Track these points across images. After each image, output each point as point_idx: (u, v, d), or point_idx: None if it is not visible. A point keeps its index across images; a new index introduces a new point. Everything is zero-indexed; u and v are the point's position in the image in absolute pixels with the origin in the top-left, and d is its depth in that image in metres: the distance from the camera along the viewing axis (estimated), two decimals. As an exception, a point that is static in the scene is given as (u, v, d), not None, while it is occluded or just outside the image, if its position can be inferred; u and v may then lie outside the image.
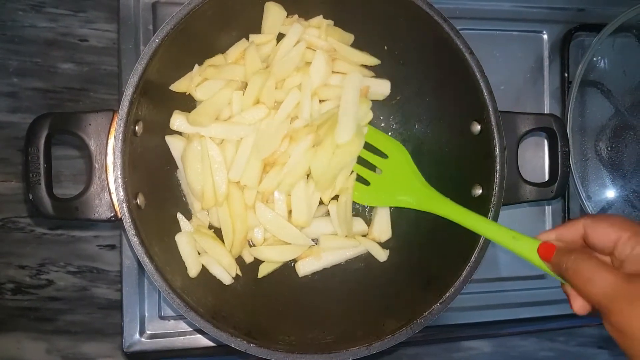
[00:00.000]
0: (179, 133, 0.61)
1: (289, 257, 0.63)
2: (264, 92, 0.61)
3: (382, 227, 0.66)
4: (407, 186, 0.62)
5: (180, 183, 0.63)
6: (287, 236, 0.62)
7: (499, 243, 0.52)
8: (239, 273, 0.62)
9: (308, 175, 0.62)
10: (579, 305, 0.45)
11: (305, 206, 0.61)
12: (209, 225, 0.63)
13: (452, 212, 0.57)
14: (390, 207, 0.67)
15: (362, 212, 0.69)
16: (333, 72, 0.64)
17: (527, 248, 0.48)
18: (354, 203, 0.65)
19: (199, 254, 0.60)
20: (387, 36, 0.63)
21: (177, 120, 0.59)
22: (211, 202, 0.59)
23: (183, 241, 0.59)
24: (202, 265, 0.60)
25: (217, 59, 0.62)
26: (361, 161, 0.64)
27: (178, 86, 0.60)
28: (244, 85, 0.61)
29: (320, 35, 0.62)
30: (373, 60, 0.66)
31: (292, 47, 0.61)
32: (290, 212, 0.62)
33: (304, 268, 0.64)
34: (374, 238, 0.66)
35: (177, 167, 0.62)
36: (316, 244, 0.66)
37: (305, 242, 0.63)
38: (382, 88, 0.66)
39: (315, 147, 0.61)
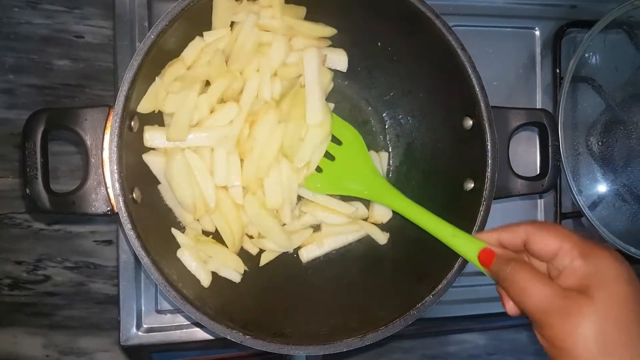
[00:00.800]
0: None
1: (292, 245, 0.64)
2: (228, 92, 0.60)
3: (382, 208, 0.67)
4: (359, 174, 0.63)
5: (163, 198, 0.60)
6: (270, 235, 0.62)
7: (440, 239, 0.53)
8: (246, 268, 0.62)
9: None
10: (510, 306, 0.46)
11: (278, 188, 0.61)
12: (202, 231, 0.62)
13: (397, 203, 0.59)
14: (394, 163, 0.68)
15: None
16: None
17: (466, 248, 0.50)
18: None
19: (205, 262, 0.60)
20: (380, 33, 0.63)
21: (152, 136, 0.56)
22: (203, 212, 0.59)
23: (186, 257, 0.59)
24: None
25: (177, 66, 0.58)
26: None
27: (145, 106, 0.56)
28: (207, 84, 0.60)
29: (275, 14, 0.60)
30: (330, 31, 0.64)
31: (249, 36, 0.59)
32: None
33: (307, 254, 0.65)
34: (375, 220, 0.67)
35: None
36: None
37: (285, 244, 0.63)
38: (339, 58, 0.65)
39: (284, 124, 0.60)
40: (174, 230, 0.60)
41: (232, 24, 0.61)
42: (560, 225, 0.45)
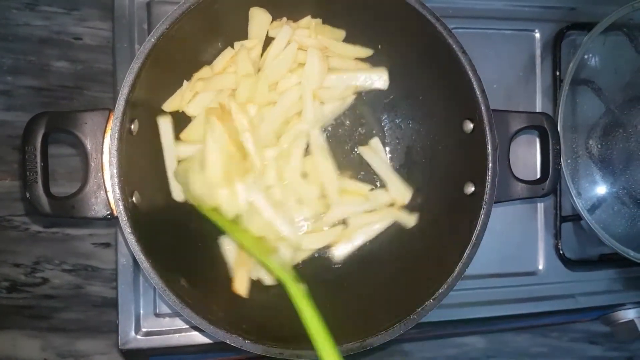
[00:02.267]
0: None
1: (325, 242, 0.65)
2: (256, 95, 0.61)
3: (399, 187, 0.67)
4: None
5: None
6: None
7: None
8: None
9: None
10: None
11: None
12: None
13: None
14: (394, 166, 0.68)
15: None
16: (329, 69, 0.64)
17: None
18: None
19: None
20: (380, 35, 0.64)
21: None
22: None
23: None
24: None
25: (204, 71, 0.62)
26: None
27: (170, 105, 0.60)
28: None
29: (310, 34, 0.63)
30: (366, 52, 0.66)
31: (282, 48, 0.62)
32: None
33: (339, 253, 0.66)
34: (397, 202, 0.66)
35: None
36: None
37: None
38: (379, 76, 0.66)
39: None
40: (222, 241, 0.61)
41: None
42: None
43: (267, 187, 0.63)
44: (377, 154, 0.69)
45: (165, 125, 0.60)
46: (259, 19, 0.62)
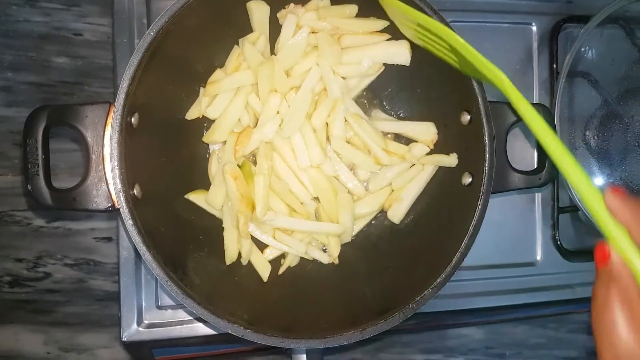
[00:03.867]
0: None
1: (375, 207, 0.66)
2: (276, 80, 0.62)
3: (420, 128, 0.66)
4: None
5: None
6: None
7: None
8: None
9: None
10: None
11: (313, 142, 0.62)
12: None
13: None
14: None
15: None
16: (344, 48, 0.64)
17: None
18: None
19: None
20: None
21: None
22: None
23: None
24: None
25: (217, 74, 0.64)
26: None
27: (192, 114, 0.63)
28: (256, 88, 0.63)
29: (320, 16, 0.63)
30: (381, 24, 0.63)
31: (291, 35, 0.62)
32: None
33: (396, 215, 0.66)
34: (428, 143, 0.65)
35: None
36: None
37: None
38: (400, 51, 0.63)
39: None
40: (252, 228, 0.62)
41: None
42: None
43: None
44: (382, 119, 0.69)
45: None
46: (258, 12, 0.63)
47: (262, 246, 0.65)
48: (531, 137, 0.79)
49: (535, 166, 0.64)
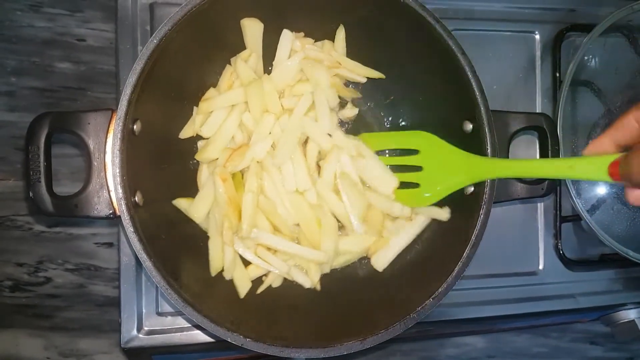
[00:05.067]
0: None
1: (360, 248, 0.65)
2: (268, 99, 0.62)
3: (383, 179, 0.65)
4: (452, 167, 0.61)
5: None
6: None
7: (558, 177, 0.53)
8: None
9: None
10: (635, 196, 0.45)
11: (301, 168, 0.63)
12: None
13: (505, 169, 0.56)
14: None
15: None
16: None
17: (591, 172, 0.47)
18: None
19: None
20: (380, 36, 0.64)
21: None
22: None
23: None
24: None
25: (211, 92, 0.64)
26: (401, 168, 0.65)
27: (185, 133, 0.63)
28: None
29: (324, 49, 0.64)
30: (378, 74, 0.67)
31: (286, 56, 0.63)
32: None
33: (380, 262, 0.65)
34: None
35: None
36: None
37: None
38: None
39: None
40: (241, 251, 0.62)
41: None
42: None
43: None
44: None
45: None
46: (251, 29, 0.63)
47: (247, 262, 0.64)
48: (533, 146, 0.79)
49: (538, 176, 0.64)
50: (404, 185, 0.64)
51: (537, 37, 0.81)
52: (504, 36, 0.80)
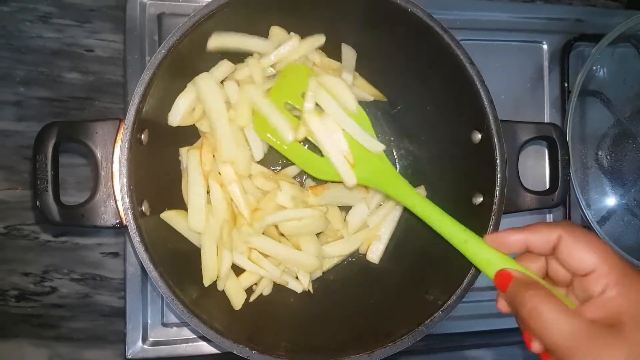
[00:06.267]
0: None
1: (352, 249, 0.66)
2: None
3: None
4: (368, 163, 0.59)
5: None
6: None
7: (452, 243, 0.48)
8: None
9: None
10: (536, 346, 0.39)
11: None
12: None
13: (408, 198, 0.55)
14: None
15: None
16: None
17: (480, 259, 0.45)
18: None
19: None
20: (388, 46, 0.64)
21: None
22: None
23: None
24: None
25: None
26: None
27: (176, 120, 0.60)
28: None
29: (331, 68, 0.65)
30: (381, 96, 0.69)
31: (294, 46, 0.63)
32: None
33: (375, 254, 0.67)
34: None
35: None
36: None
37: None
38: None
39: None
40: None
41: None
42: (598, 238, 0.39)
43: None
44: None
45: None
46: (276, 35, 0.63)
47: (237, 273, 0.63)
48: (543, 156, 0.79)
49: (548, 186, 0.63)
50: None
51: (545, 47, 0.81)
52: (511, 46, 0.80)
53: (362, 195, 0.66)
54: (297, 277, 0.64)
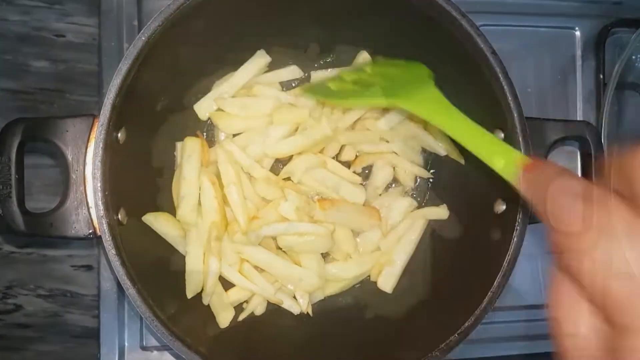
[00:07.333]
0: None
1: (360, 272, 0.66)
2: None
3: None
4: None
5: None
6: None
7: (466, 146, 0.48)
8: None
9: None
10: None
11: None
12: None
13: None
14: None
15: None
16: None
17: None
18: None
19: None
20: (401, 36, 0.64)
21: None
22: None
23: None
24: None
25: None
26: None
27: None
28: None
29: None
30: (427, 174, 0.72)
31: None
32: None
33: (388, 282, 0.66)
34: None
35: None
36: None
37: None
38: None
39: None
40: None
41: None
42: None
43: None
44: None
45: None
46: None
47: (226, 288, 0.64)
48: (575, 159, 0.79)
49: (580, 192, 0.63)
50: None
51: (578, 33, 0.81)
52: (539, 33, 0.80)
53: (375, 222, 0.66)
54: (294, 297, 0.64)
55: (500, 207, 0.60)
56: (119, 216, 0.55)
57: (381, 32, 0.64)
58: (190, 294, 0.60)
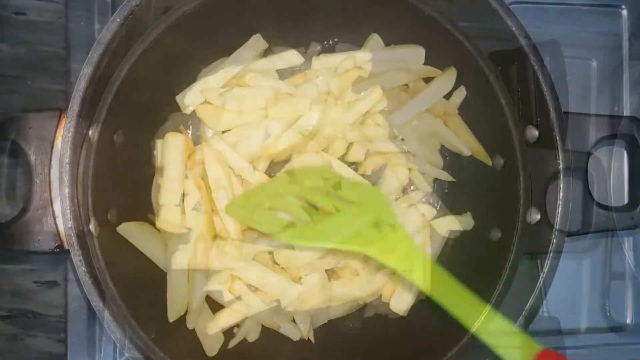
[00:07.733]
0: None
1: (370, 291, 0.66)
2: None
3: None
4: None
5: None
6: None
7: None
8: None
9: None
10: None
11: None
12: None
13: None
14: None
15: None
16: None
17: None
18: None
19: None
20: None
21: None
22: None
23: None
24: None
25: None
26: None
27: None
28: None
29: None
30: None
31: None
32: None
33: (401, 303, 0.66)
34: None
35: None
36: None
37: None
38: None
39: None
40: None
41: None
42: None
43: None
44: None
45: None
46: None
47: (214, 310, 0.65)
48: (621, 160, 0.78)
49: (627, 200, 0.64)
50: None
51: (625, 12, 0.81)
52: (581, 11, 0.80)
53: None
54: (293, 320, 0.65)
55: (535, 216, 0.60)
56: (91, 227, 0.55)
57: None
58: (172, 317, 0.60)
